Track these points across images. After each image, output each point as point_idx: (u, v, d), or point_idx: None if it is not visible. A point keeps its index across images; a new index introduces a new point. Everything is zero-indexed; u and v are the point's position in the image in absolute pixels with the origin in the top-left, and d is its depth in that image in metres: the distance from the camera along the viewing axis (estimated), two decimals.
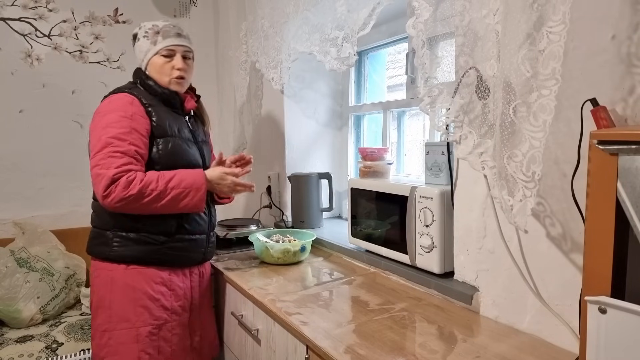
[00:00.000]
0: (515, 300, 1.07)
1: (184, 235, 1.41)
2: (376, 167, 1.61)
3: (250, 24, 2.05)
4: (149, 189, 1.27)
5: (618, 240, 0.60)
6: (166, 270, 1.41)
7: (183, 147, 1.42)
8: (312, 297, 1.28)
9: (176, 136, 1.41)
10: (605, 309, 0.61)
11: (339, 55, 1.45)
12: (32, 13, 2.27)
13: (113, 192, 1.24)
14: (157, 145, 1.36)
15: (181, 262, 1.44)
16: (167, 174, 1.32)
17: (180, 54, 1.45)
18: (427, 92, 1.06)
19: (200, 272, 1.52)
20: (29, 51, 2.28)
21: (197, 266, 1.50)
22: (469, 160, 1.03)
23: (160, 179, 1.30)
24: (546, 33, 0.82)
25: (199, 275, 1.52)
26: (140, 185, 1.26)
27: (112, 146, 1.27)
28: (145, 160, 1.34)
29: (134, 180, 1.26)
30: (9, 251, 2.04)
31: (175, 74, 1.44)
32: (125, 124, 1.30)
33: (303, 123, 2.15)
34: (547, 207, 0.98)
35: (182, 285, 1.44)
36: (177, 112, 1.47)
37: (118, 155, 1.27)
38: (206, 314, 1.57)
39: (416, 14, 1.04)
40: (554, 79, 0.82)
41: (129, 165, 1.27)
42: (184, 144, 1.43)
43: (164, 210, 1.32)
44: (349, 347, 0.97)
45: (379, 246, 1.47)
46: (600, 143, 0.60)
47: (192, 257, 1.46)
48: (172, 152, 1.38)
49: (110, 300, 1.35)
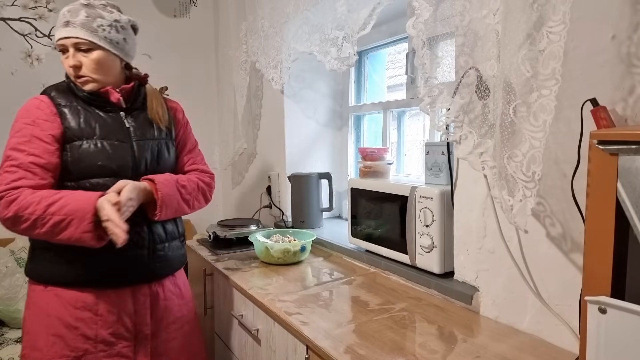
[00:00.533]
0: (515, 300, 1.07)
1: (110, 253, 1.15)
2: (376, 167, 1.61)
3: (250, 23, 2.05)
4: (26, 212, 1.07)
5: (618, 240, 0.60)
6: (92, 292, 1.20)
7: (99, 150, 1.20)
8: (312, 297, 1.28)
9: (94, 137, 1.20)
10: (605, 309, 0.61)
11: (339, 55, 1.45)
12: (32, 13, 2.27)
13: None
14: (66, 152, 1.18)
15: (112, 283, 1.22)
16: (54, 196, 1.10)
17: (71, 47, 1.19)
18: (427, 92, 1.06)
19: (153, 292, 1.30)
20: (29, 51, 2.28)
21: (145, 285, 1.28)
22: (469, 160, 1.03)
23: (43, 201, 1.08)
24: (546, 33, 0.82)
25: (151, 296, 1.29)
26: (16, 208, 1.07)
27: (9, 160, 1.13)
28: (53, 169, 1.16)
29: (14, 200, 1.08)
30: (9, 251, 2.04)
31: (70, 72, 1.22)
32: (26, 132, 1.15)
33: (303, 123, 2.15)
34: (547, 207, 0.98)
35: (115, 310, 1.22)
36: (108, 109, 1.26)
37: (12, 170, 1.12)
38: (183, 338, 1.37)
39: (416, 14, 1.04)
40: (554, 79, 0.82)
41: (19, 180, 1.10)
42: (106, 146, 1.21)
43: (49, 238, 1.11)
44: (349, 347, 0.97)
45: (379, 246, 1.47)
46: (600, 143, 0.60)
47: (128, 276, 1.24)
48: (80, 158, 1.18)
49: (28, 325, 1.21)
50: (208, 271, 1.70)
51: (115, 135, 1.24)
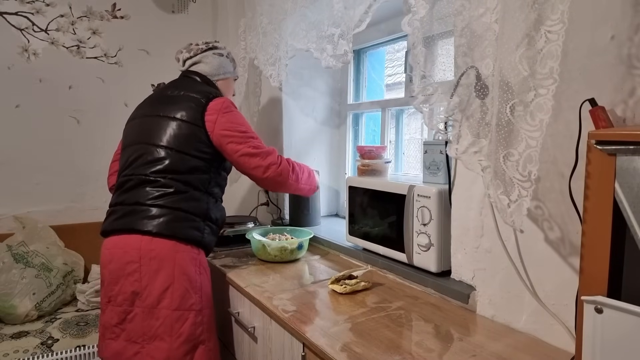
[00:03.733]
0: (511, 300, 1.07)
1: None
2: (374, 165, 1.61)
3: (249, 20, 2.04)
4: (295, 163, 1.66)
5: (615, 241, 0.60)
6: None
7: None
8: (309, 295, 1.28)
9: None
10: (602, 308, 0.61)
11: (334, 53, 1.44)
12: (29, 7, 2.25)
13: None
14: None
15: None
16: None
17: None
18: (421, 90, 1.06)
19: None
20: (26, 46, 2.26)
21: None
22: (463, 159, 1.02)
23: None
24: (544, 32, 0.81)
25: None
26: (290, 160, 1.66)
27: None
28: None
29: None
30: (5, 246, 2.03)
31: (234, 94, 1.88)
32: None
33: (301, 121, 2.14)
34: (545, 207, 0.98)
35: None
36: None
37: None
38: None
39: (412, 11, 1.04)
40: (551, 79, 0.81)
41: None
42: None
43: (303, 184, 1.64)
44: (346, 345, 0.97)
45: (376, 244, 1.47)
46: (599, 143, 0.60)
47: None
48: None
49: (201, 282, 1.42)
50: None
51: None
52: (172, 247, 1.37)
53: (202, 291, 1.41)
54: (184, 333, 1.35)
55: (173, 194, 1.40)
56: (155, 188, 1.40)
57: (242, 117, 1.54)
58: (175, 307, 1.35)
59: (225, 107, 1.50)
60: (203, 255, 1.46)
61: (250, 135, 1.50)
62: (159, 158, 1.42)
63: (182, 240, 1.39)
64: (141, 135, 1.48)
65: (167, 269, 1.36)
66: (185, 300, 1.37)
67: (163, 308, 1.35)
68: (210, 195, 1.49)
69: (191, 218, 1.42)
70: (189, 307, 1.37)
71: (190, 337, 1.36)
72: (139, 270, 1.36)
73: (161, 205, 1.38)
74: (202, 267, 1.44)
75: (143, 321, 1.36)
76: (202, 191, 1.46)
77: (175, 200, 1.40)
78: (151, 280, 1.35)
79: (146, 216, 1.37)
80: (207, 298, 1.43)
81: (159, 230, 1.36)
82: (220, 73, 1.64)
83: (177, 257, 1.37)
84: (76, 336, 1.81)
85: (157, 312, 1.35)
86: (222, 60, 1.65)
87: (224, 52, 1.68)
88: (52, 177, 2.36)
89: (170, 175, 1.41)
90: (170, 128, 1.45)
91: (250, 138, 1.50)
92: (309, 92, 2.14)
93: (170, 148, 1.43)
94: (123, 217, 1.39)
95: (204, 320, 1.40)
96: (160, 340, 1.35)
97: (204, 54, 1.63)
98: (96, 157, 2.40)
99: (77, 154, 2.41)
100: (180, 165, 1.42)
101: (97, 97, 2.43)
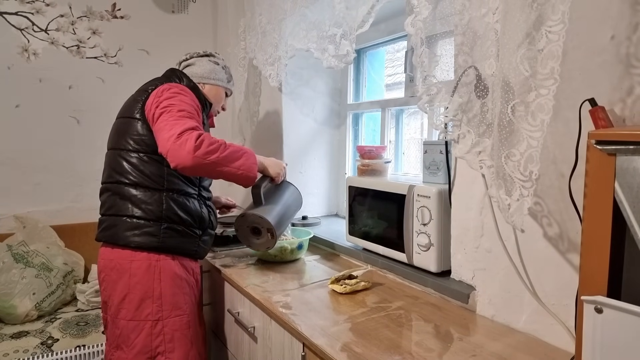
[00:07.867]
0: (511, 300, 1.07)
1: (210, 230, 1.51)
2: (374, 165, 1.61)
3: (249, 20, 2.04)
4: (213, 140, 1.38)
5: (615, 240, 0.60)
6: (197, 262, 1.51)
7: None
8: (309, 294, 1.28)
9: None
10: (602, 308, 0.61)
11: (336, 53, 1.44)
12: (29, 7, 2.26)
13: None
14: None
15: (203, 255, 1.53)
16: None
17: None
18: (425, 90, 1.06)
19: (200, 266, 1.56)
20: (26, 45, 2.27)
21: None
22: (467, 159, 1.02)
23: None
24: (545, 32, 0.82)
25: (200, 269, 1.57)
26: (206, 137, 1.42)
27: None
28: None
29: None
30: (6, 246, 2.03)
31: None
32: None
33: (301, 121, 2.14)
34: (545, 206, 0.98)
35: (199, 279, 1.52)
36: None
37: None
38: None
39: (415, 12, 1.04)
40: (552, 79, 0.82)
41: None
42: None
43: (223, 164, 1.27)
44: (345, 344, 0.97)
45: (376, 244, 1.47)
46: (598, 143, 0.60)
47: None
48: None
49: (160, 291, 1.36)
50: (205, 268, 1.70)
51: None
52: (128, 257, 1.35)
53: (161, 300, 1.35)
54: (138, 344, 1.34)
55: (122, 200, 1.35)
56: (108, 196, 1.39)
57: (186, 101, 1.33)
58: (130, 318, 1.35)
59: (165, 89, 1.34)
60: (166, 261, 1.37)
61: (179, 108, 1.28)
62: (107, 163, 1.43)
63: (136, 248, 1.35)
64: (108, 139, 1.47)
65: (124, 279, 1.35)
66: (139, 311, 1.34)
67: (121, 319, 1.36)
68: (171, 192, 1.37)
69: (142, 224, 1.34)
70: (145, 317, 1.34)
71: (144, 348, 1.34)
72: (105, 280, 1.40)
73: (113, 215, 1.37)
74: (163, 274, 1.36)
75: (111, 330, 1.41)
76: (159, 189, 1.35)
77: (123, 208, 1.35)
78: (112, 291, 1.37)
79: (105, 227, 1.39)
80: (170, 306, 1.36)
81: (114, 241, 1.36)
82: (210, 77, 1.55)
83: (132, 267, 1.35)
84: (76, 336, 1.81)
85: (118, 322, 1.37)
86: (215, 67, 1.57)
87: (221, 62, 1.61)
88: (52, 177, 2.36)
89: (116, 179, 1.36)
90: (113, 129, 1.45)
91: (171, 106, 1.28)
92: (308, 92, 2.14)
93: (111, 149, 1.41)
94: (99, 226, 1.43)
95: (165, 330, 1.35)
96: (120, 350, 1.38)
97: (200, 58, 1.58)
98: (96, 157, 2.39)
99: (77, 154, 2.42)
100: (122, 166, 1.35)
101: (97, 97, 2.43)
